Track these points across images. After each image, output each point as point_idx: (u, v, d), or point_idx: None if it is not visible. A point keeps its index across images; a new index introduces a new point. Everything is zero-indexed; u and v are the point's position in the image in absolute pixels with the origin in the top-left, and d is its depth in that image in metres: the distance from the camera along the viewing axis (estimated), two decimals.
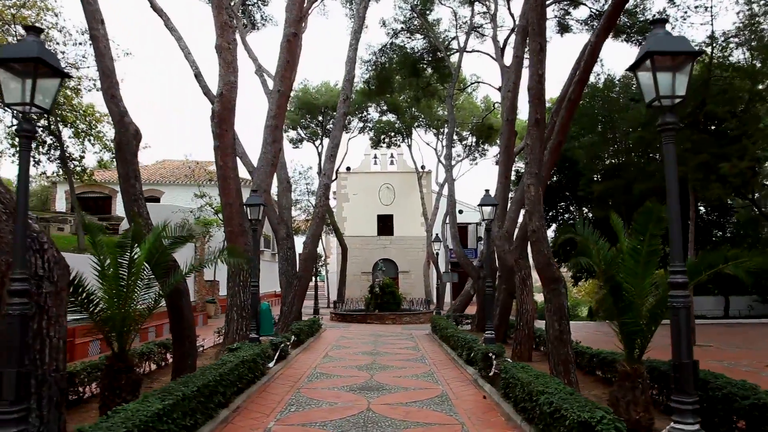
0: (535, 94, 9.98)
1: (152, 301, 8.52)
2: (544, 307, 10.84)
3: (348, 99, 18.58)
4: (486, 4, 28.90)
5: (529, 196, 9.95)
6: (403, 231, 42.49)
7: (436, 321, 19.52)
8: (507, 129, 16.77)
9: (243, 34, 25.12)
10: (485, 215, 12.75)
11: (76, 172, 23.57)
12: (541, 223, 9.94)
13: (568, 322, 10.05)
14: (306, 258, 17.92)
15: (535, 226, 9.82)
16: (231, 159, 14.17)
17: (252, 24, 28.55)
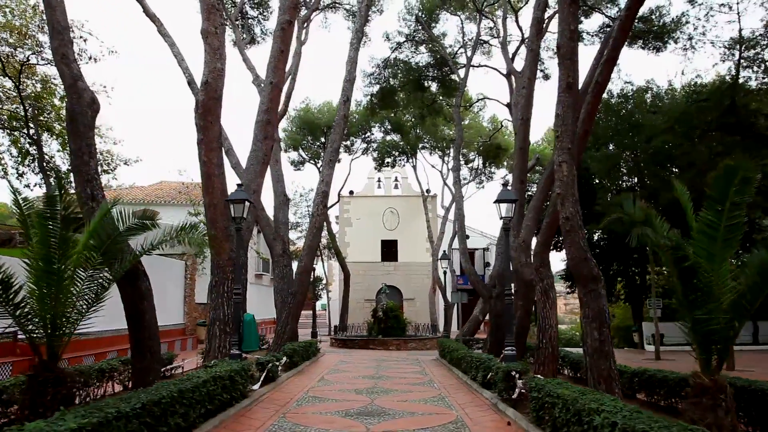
0: (565, 53, 8.30)
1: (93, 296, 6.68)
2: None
3: (348, 101, 16.99)
4: (493, 18, 27.67)
5: (561, 176, 8.18)
6: (407, 257, 40.57)
7: (445, 344, 17.55)
8: (522, 129, 15.11)
9: (242, 46, 23.76)
10: (503, 212, 10.95)
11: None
12: (576, 209, 8.15)
13: (610, 330, 8.17)
14: (302, 272, 16.08)
15: (569, 213, 8.03)
16: (216, 155, 12.50)
17: (251, 38, 27.29)
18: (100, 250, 7.04)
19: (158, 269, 20.15)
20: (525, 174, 15.52)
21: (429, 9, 25.85)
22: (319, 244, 16.83)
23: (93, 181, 7.96)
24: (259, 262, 33.73)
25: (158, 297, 19.48)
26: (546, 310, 12.22)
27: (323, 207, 16.34)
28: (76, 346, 14.89)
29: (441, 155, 37.13)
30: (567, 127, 8.19)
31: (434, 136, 34.48)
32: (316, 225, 16.24)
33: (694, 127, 17.58)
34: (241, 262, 12.82)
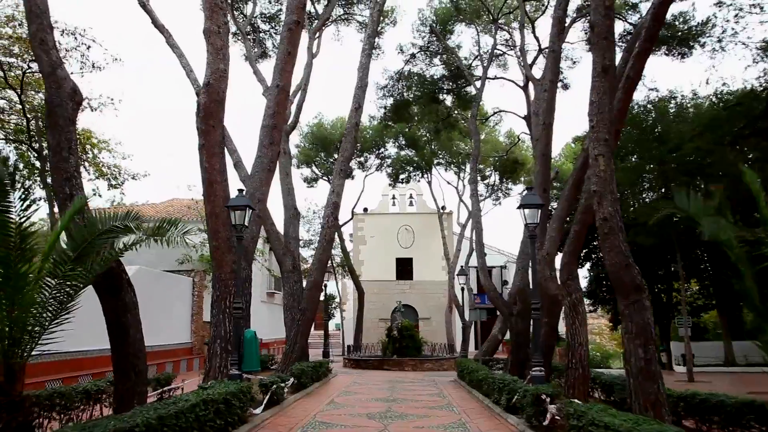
0: (600, 32, 7.34)
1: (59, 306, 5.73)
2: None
3: (360, 109, 16.13)
4: (509, 30, 26.85)
5: (598, 172, 7.16)
6: (423, 275, 39.39)
7: (464, 365, 16.40)
8: (545, 135, 14.12)
9: (253, 59, 23.09)
10: (527, 218, 9.91)
11: None
12: (616, 209, 7.11)
13: (656, 347, 7.07)
14: (311, 288, 15.10)
15: (607, 213, 7.00)
16: (218, 161, 11.66)
17: (263, 51, 26.72)
18: (74, 254, 6.11)
19: (165, 286, 19.35)
20: (548, 182, 14.49)
21: (443, 20, 25.09)
22: (329, 258, 15.85)
23: (72, 179, 7.09)
24: (271, 280, 32.80)
25: (164, 315, 18.64)
26: (575, 327, 11.09)
27: (334, 219, 15.39)
28: (72, 366, 14.00)
29: (457, 171, 36.14)
30: (603, 116, 7.18)
31: (449, 151, 33.54)
32: (327, 238, 15.28)
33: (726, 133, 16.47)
34: (244, 275, 11.89)
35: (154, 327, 17.75)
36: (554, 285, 13.57)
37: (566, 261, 11.39)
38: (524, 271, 17.50)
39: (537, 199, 9.99)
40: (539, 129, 14.48)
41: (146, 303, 17.88)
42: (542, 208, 9.95)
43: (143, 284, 17.65)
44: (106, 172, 21.68)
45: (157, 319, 17.98)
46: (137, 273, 17.12)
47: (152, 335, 17.64)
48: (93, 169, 21.92)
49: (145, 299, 17.91)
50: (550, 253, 13.73)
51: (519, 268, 17.60)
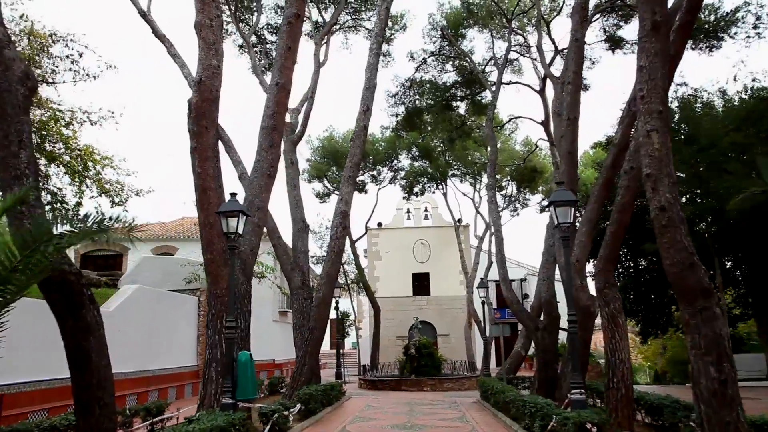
0: None
1: None
2: None
3: (368, 111, 14.95)
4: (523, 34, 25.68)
5: (651, 151, 5.85)
6: (440, 290, 37.92)
7: (487, 384, 14.96)
8: (570, 131, 12.82)
9: (258, 71, 22.07)
10: (559, 217, 8.56)
11: None
12: (674, 195, 5.78)
13: (733, 364, 5.68)
14: (320, 304, 13.81)
15: (665, 201, 5.68)
16: (212, 165, 10.51)
17: (269, 63, 25.74)
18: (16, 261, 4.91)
19: (167, 306, 18.15)
20: (576, 182, 13.13)
21: (455, 24, 23.98)
22: (338, 271, 14.60)
23: (23, 178, 5.92)
24: (283, 299, 31.57)
25: (167, 336, 17.41)
26: (615, 342, 9.68)
27: (343, 229, 14.14)
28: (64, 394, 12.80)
29: (472, 182, 34.84)
30: (655, 83, 5.88)
31: (464, 161, 32.29)
32: (335, 250, 14.02)
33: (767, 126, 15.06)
34: (242, 291, 10.68)
35: (155, 350, 16.54)
36: (585, 295, 12.20)
37: (602, 267, 9.99)
38: (549, 282, 16.08)
39: (569, 194, 8.67)
40: (563, 126, 13.20)
41: (147, 324, 16.85)
42: (575, 204, 8.60)
43: (143, 304, 16.54)
44: (108, 188, 20.61)
45: (159, 341, 16.79)
46: (136, 292, 15.98)
47: (153, 359, 16.47)
48: (95, 186, 20.90)
49: (145, 320, 16.90)
50: (579, 260, 12.33)
51: (543, 278, 16.19)
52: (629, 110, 11.36)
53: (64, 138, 19.63)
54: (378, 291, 36.01)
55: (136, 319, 15.72)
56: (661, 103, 5.82)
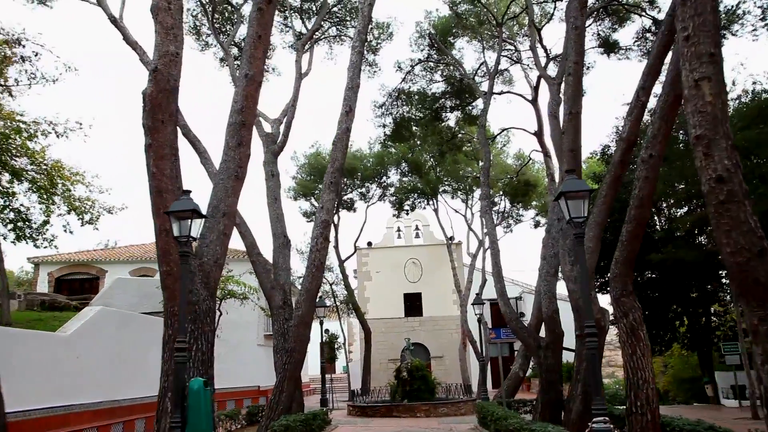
0: None
1: None
2: None
3: (351, 112, 13.62)
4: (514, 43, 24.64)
5: (701, 106, 4.51)
6: (433, 311, 36.32)
7: (486, 410, 13.42)
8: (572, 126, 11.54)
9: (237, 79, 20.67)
10: (571, 211, 7.16)
11: (31, 237, 18.59)
12: (735, 163, 4.40)
13: None
14: (299, 324, 12.29)
15: (722, 169, 4.36)
16: (169, 164, 9.10)
17: None
18: None
19: (136, 330, 16.31)
20: (580, 168, 11.81)
21: (443, 31, 22.88)
22: (319, 287, 13.11)
23: None
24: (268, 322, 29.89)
25: (135, 363, 15.74)
26: (636, 359, 8.25)
27: (324, 240, 12.67)
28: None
29: (464, 198, 33.52)
30: (704, 18, 4.53)
31: (456, 176, 31.01)
32: (316, 263, 12.54)
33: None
34: (204, 308, 9.16)
35: (121, 378, 14.84)
36: (595, 307, 10.81)
37: (618, 272, 8.59)
38: (551, 296, 14.67)
39: (582, 183, 7.28)
40: (560, 126, 11.94)
41: (112, 350, 15.14)
42: (589, 195, 7.22)
43: (107, 328, 14.86)
44: (77, 205, 19.09)
45: (127, 368, 15.13)
46: (98, 315, 14.39)
47: (119, 388, 14.71)
48: (63, 203, 19.38)
49: (110, 345, 15.20)
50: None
51: (544, 291, 14.77)
52: (637, 100, 10.13)
53: (30, 152, 18.18)
54: (368, 312, 34.40)
55: (98, 344, 14.10)
56: (712, 44, 4.49)
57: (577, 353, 11.41)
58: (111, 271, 27.26)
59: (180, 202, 7.64)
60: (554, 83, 16.48)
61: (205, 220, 9.83)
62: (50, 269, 27.43)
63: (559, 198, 7.27)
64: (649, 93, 10.48)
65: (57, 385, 12.34)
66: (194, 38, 23.40)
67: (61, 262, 27.65)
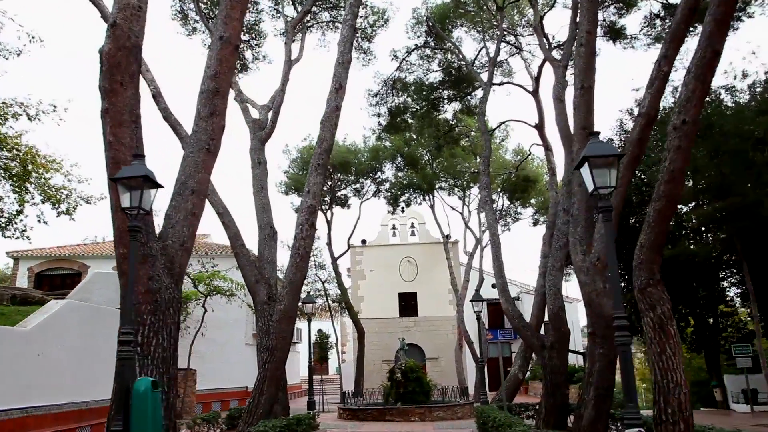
0: None
1: None
2: None
3: (341, 89, 12.39)
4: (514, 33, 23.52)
5: None
6: (428, 311, 35.07)
7: (487, 414, 12.17)
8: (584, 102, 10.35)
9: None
10: (597, 181, 5.93)
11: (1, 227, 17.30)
12: None
13: None
14: (281, 319, 11.03)
15: None
16: (129, 132, 7.87)
17: (242, 65, 23.23)
18: None
19: (106, 326, 14.76)
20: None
21: (441, 17, 21.71)
22: (304, 278, 11.86)
23: None
24: None
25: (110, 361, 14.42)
26: (666, 358, 7.04)
27: (310, 227, 11.42)
28: None
29: (461, 195, 32.36)
30: None
31: (453, 171, 29.79)
32: (301, 252, 11.27)
33: None
34: (167, 297, 7.90)
35: (90, 377, 13.52)
36: (609, 302, 9.61)
37: (644, 258, 7.37)
38: (556, 291, 13.47)
39: (610, 147, 6.06)
40: (575, 98, 10.70)
41: (80, 346, 13.75)
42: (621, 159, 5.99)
43: (74, 323, 13.48)
44: (51, 194, 17.80)
45: (97, 366, 13.77)
46: (64, 309, 13.11)
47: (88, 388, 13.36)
48: (38, 192, 18.09)
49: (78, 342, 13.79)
50: (601, 258, 9.75)
51: (550, 287, 13.55)
52: (659, 70, 8.95)
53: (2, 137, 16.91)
54: (362, 312, 33.12)
55: (64, 340, 12.81)
56: None
57: (588, 353, 10.20)
58: (94, 266, 25.90)
59: (130, 168, 6.41)
60: (559, 65, 15.31)
61: (172, 198, 8.67)
62: (30, 264, 26.09)
63: (581, 165, 6.04)
64: (672, 62, 9.29)
65: (13, 385, 11.06)
66: (181, 23, 22.13)
67: (41, 257, 26.34)
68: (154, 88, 16.28)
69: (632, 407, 5.55)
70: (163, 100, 16.23)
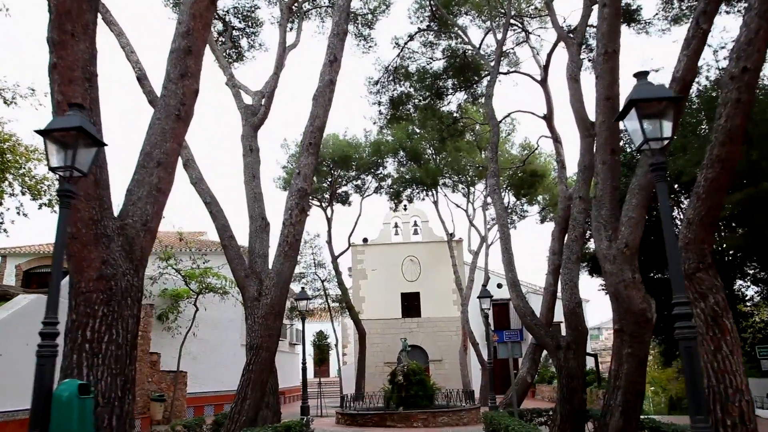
0: None
1: None
2: None
3: (336, 62, 11.15)
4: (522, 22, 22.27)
5: None
6: (431, 311, 33.75)
7: (498, 422, 10.89)
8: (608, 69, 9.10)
9: (224, 61, 18.36)
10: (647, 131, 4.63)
11: None
12: None
13: None
14: (267, 313, 9.78)
15: None
16: (81, 91, 6.59)
17: (238, 53, 22.02)
18: None
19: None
20: (617, 138, 9.31)
21: (445, 2, 20.44)
22: (294, 269, 10.55)
23: None
24: None
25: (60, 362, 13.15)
26: (721, 358, 5.77)
27: (300, 212, 10.15)
28: None
29: (465, 192, 31.05)
30: None
31: (457, 167, 28.49)
32: (290, 239, 10.00)
33: None
34: (125, 285, 6.65)
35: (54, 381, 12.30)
36: (639, 294, 8.34)
37: (693, 237, 6.10)
38: (573, 286, 12.17)
39: (662, 89, 4.76)
40: (597, 65, 9.42)
41: None
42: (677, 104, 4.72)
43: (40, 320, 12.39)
44: (31, 185, 16.62)
45: None
46: (32, 304, 11.83)
47: None
48: (18, 183, 16.90)
49: None
50: (629, 244, 8.45)
51: (565, 282, 12.25)
52: (696, 28, 7.73)
53: None
54: (363, 313, 31.84)
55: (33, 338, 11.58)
56: None
57: (615, 354, 8.88)
58: None
59: (63, 119, 5.15)
60: (573, 43, 14.08)
61: (135, 171, 7.43)
62: (18, 261, 24.90)
63: (626, 113, 4.75)
64: (712, 18, 8.03)
65: None
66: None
67: (30, 254, 25.16)
68: (138, 70, 15.04)
69: (701, 420, 4.23)
70: (149, 83, 14.98)
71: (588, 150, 12.94)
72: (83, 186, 6.19)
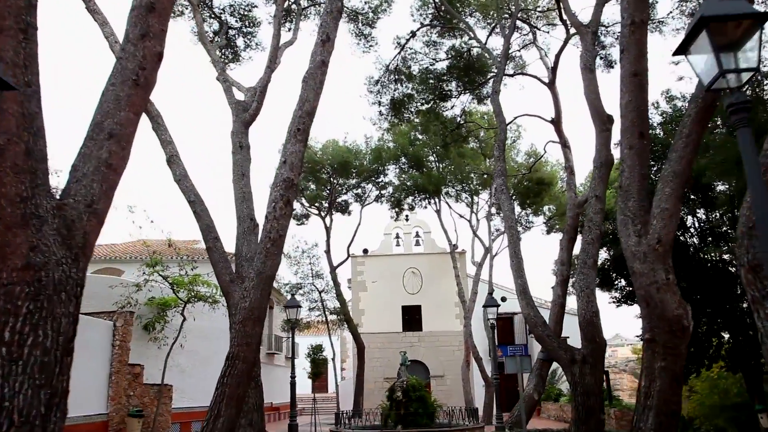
0: None
1: None
2: None
3: (329, 41, 10.05)
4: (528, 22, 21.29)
5: None
6: (433, 325, 32.37)
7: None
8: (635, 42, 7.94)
9: (219, 63, 17.38)
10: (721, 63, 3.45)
11: None
12: None
13: None
14: (246, 318, 8.53)
15: None
16: (14, 44, 5.41)
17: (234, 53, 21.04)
18: None
19: None
20: (646, 120, 8.12)
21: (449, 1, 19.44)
22: (277, 269, 9.27)
23: None
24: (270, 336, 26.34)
25: None
26: None
27: (285, 205, 8.94)
28: None
29: (469, 202, 29.86)
30: None
31: (460, 174, 27.32)
32: (272, 236, 8.78)
33: None
34: (59, 276, 5.42)
35: None
36: (675, 298, 7.08)
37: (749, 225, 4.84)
38: (589, 292, 10.93)
39: (741, 3, 3.57)
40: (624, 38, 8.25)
41: None
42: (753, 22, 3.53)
43: None
44: None
45: None
46: None
47: None
48: None
49: None
50: (663, 239, 7.23)
51: (581, 287, 11.01)
52: None
53: None
54: (363, 326, 30.53)
55: None
56: None
57: (645, 368, 7.60)
58: None
59: None
60: (587, 31, 12.98)
61: (82, 144, 6.23)
62: None
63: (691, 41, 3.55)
64: None
65: None
66: None
67: None
68: None
69: None
70: None
71: (605, 145, 11.80)
72: (11, 156, 5.02)
